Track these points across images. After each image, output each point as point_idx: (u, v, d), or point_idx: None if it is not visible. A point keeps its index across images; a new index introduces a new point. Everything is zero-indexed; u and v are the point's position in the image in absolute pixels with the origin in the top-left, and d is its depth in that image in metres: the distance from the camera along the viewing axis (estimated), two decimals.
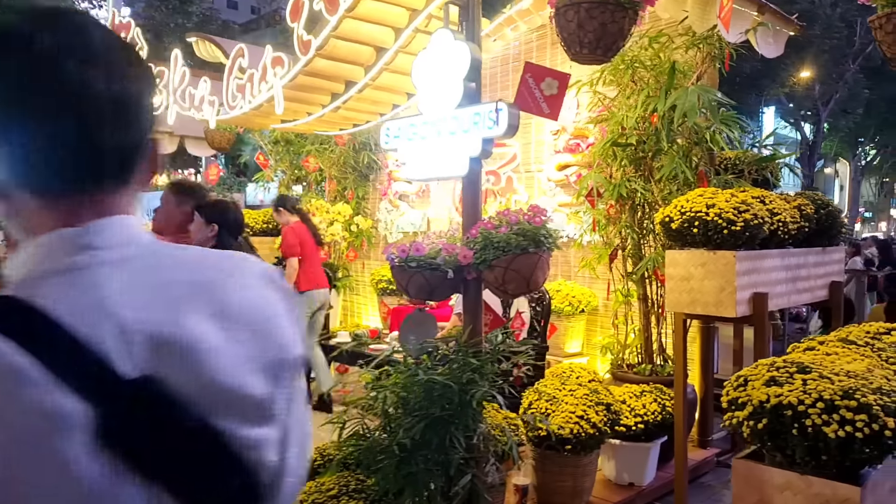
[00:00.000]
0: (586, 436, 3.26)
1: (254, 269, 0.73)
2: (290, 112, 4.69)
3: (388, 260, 2.90)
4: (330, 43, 3.95)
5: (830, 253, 4.08)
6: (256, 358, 0.66)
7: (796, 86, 23.99)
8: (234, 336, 0.65)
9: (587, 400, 3.38)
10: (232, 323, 0.66)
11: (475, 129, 2.70)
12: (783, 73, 22.23)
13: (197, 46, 6.70)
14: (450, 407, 2.47)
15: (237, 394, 0.63)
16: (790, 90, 24.18)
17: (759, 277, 3.39)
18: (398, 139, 3.06)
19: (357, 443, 2.62)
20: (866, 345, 2.60)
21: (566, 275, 5.24)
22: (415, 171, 2.98)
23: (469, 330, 2.89)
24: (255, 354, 0.66)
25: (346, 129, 5.48)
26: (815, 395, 1.98)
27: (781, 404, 2.01)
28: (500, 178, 5.67)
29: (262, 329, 0.68)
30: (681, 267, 3.40)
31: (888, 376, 2.24)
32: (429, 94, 2.91)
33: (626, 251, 4.14)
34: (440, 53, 2.84)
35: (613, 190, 3.74)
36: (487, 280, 2.80)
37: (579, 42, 2.53)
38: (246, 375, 0.64)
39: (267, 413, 0.66)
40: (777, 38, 3.83)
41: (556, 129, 5.07)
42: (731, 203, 3.24)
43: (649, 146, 3.78)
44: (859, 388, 1.99)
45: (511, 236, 2.70)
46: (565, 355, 4.90)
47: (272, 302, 0.72)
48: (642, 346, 4.24)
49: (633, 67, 3.73)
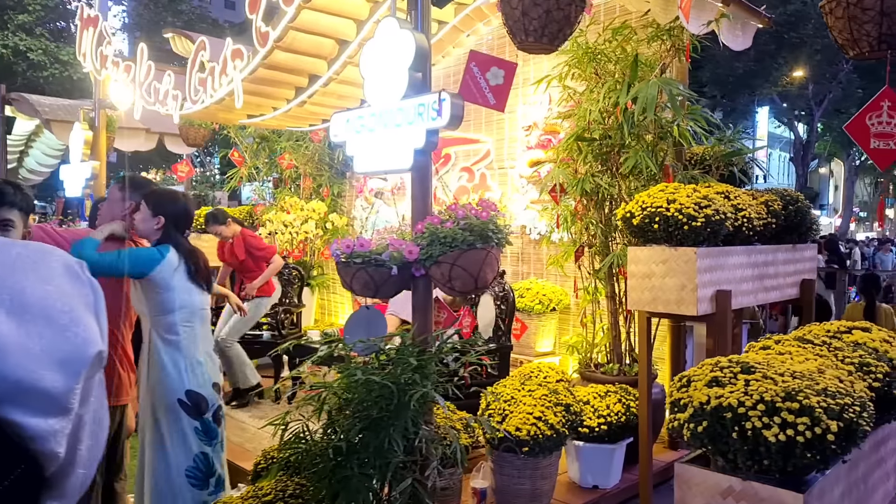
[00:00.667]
0: (544, 438, 3.17)
1: (57, 261, 0.72)
2: (254, 107, 4.59)
3: (332, 255, 2.80)
4: (289, 35, 3.85)
5: (801, 250, 4.00)
6: (52, 352, 0.65)
7: (789, 85, 23.97)
8: (30, 329, 0.64)
9: (545, 401, 3.29)
10: (29, 316, 0.65)
11: (419, 120, 2.61)
12: (776, 72, 22.19)
13: (174, 42, 6.60)
14: (388, 408, 2.37)
15: (28, 387, 0.62)
16: (783, 90, 24.15)
17: (723, 275, 3.30)
18: (347, 132, 2.96)
19: (297, 445, 2.52)
20: (823, 344, 2.51)
21: (539, 272, 5.15)
22: (362, 165, 2.88)
23: (417, 328, 2.81)
24: (51, 348, 0.65)
25: (315, 124, 5.38)
26: (757, 396, 1.89)
27: (721, 406, 1.92)
28: (473, 174, 5.58)
29: (61, 323, 0.67)
30: (643, 264, 3.31)
31: (840, 377, 2.16)
32: (375, 85, 2.81)
33: (593, 248, 4.05)
34: (386, 43, 2.75)
35: (577, 185, 3.65)
36: (434, 277, 2.70)
37: (524, 30, 2.44)
38: (40, 369, 0.64)
39: (59, 406, 0.65)
40: (745, 30, 3.74)
41: (528, 125, 4.98)
42: (693, 198, 3.15)
43: (615, 141, 3.69)
44: (803, 390, 1.90)
45: (457, 231, 2.61)
46: (536, 354, 4.81)
47: (73, 296, 0.71)
48: (610, 346, 4.14)
49: (596, 60, 3.64)
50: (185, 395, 2.59)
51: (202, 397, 2.62)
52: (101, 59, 5.52)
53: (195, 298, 2.65)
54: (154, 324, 2.59)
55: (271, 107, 4.68)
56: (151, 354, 2.62)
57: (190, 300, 2.62)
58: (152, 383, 2.64)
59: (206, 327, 2.75)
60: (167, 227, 2.70)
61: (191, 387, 2.60)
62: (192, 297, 2.63)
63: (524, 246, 5.25)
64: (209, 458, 2.66)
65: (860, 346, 2.53)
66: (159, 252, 2.59)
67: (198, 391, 2.61)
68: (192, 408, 2.60)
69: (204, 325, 2.73)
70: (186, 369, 2.60)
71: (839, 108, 25.42)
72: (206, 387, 2.65)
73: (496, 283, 4.19)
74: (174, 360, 2.58)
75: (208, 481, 2.70)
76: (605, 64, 3.67)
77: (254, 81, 4.22)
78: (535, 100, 4.91)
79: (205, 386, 2.64)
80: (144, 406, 2.68)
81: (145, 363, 2.65)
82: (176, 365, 2.58)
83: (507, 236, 2.79)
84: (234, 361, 4.78)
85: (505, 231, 2.75)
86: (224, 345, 4.72)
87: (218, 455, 2.71)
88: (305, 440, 2.56)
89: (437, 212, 2.76)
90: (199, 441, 2.62)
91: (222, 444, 2.74)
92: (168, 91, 4.80)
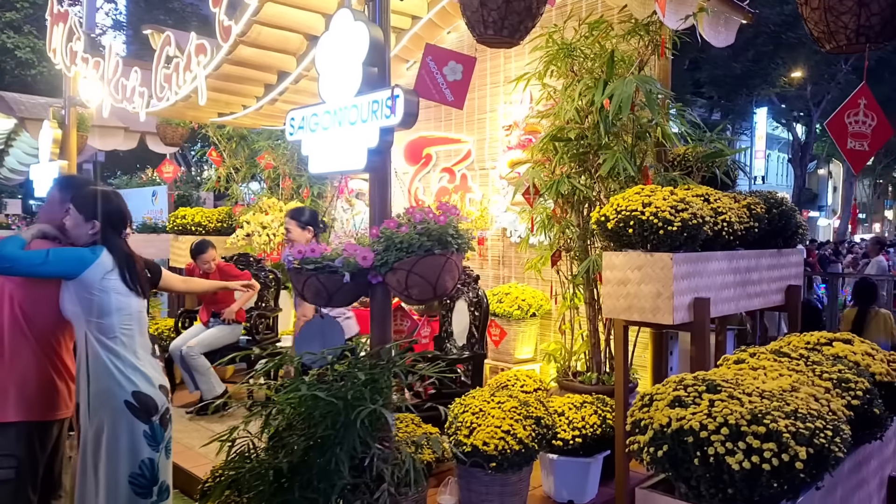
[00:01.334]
0: (512, 453, 3.02)
1: None
2: (223, 104, 4.44)
3: (284, 262, 2.65)
4: (253, 29, 3.70)
5: (787, 255, 3.84)
6: None
7: (788, 86, 23.84)
8: None
9: (515, 413, 3.13)
10: None
11: (373, 118, 2.46)
12: (774, 73, 22.04)
13: (153, 38, 6.45)
14: (335, 426, 2.22)
15: None
16: (781, 90, 24.01)
17: (702, 281, 3.15)
18: (302, 130, 2.81)
19: (241, 464, 2.37)
20: (801, 357, 2.36)
21: (520, 277, 4.99)
22: (316, 165, 2.73)
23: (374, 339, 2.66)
24: None
25: None
26: (721, 419, 1.74)
27: (683, 429, 1.77)
28: (455, 175, 5.43)
29: None
30: (618, 270, 3.16)
31: (816, 394, 2.00)
32: (330, 81, 2.66)
33: (571, 252, 3.89)
34: (340, 36, 2.59)
35: (552, 187, 3.49)
36: (390, 284, 2.55)
37: (482, 21, 2.28)
38: None
39: None
40: (728, 25, 3.59)
41: (509, 125, 4.83)
42: (669, 202, 2.99)
43: (591, 141, 3.53)
44: (770, 412, 1.74)
45: (413, 236, 2.45)
46: (516, 361, 4.66)
47: None
48: (590, 354, 3.99)
49: (572, 56, 3.48)
50: (133, 398, 2.44)
51: (150, 399, 2.49)
52: (70, 55, 5.37)
53: (132, 302, 2.50)
54: (91, 328, 2.44)
55: (241, 105, 4.52)
56: (92, 360, 2.46)
57: (128, 303, 2.48)
58: (95, 389, 2.47)
59: (145, 332, 2.61)
60: (104, 230, 2.55)
61: (138, 388, 2.45)
62: (129, 300, 2.49)
63: (505, 249, 5.10)
64: (155, 465, 2.51)
65: (840, 359, 2.38)
66: (91, 252, 2.44)
67: (146, 393, 2.47)
68: (140, 410, 2.45)
69: (143, 330, 2.58)
70: (131, 372, 2.46)
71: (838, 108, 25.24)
72: (153, 388, 2.51)
73: (470, 288, 4.04)
74: (117, 364, 2.44)
75: (152, 489, 2.55)
76: (583, 61, 3.51)
77: (220, 78, 4.07)
78: (516, 98, 4.76)
79: (152, 387, 2.50)
80: (87, 415, 2.52)
81: (84, 371, 2.49)
82: (119, 368, 2.44)
83: (469, 241, 2.64)
84: (199, 371, 4.65)
85: (466, 236, 2.59)
86: (189, 354, 4.61)
87: (164, 462, 2.56)
88: (250, 458, 2.41)
89: (395, 215, 2.61)
90: (147, 446, 2.47)
91: (168, 450, 2.60)
92: (135, 88, 4.64)
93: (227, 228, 6.50)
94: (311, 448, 2.25)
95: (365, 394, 2.26)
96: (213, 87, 4.08)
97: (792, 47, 20.83)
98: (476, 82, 5.26)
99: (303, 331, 2.68)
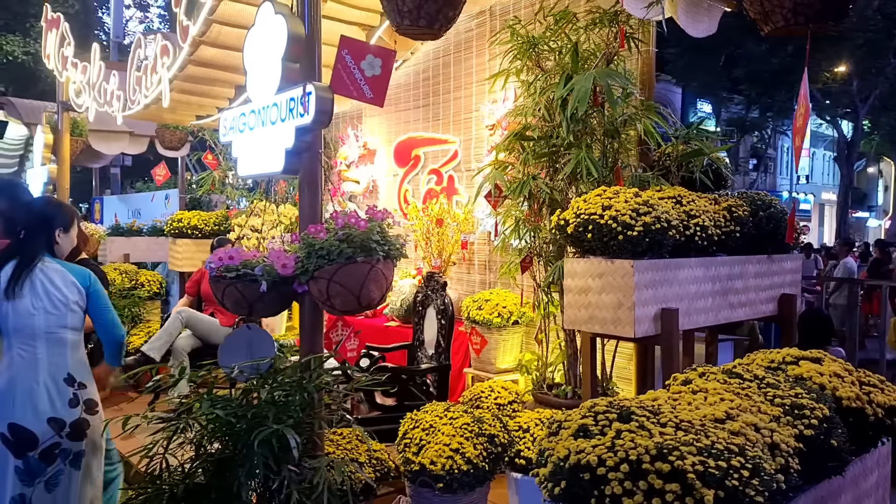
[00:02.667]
0: (461, 473, 2.82)
1: None
2: (196, 107, 4.35)
3: (206, 268, 2.51)
4: (213, 29, 3.59)
5: (780, 261, 3.54)
6: None
7: (831, 81, 22.91)
8: None
9: (466, 431, 2.94)
10: None
11: (290, 117, 2.30)
12: (815, 67, 21.17)
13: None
14: (234, 447, 2.07)
15: None
16: (824, 86, 23.08)
17: (671, 290, 2.90)
18: (232, 130, 2.68)
19: (146, 486, 2.23)
20: (755, 379, 2.11)
21: (506, 283, 4.78)
22: (243, 167, 2.59)
23: (302, 351, 2.50)
24: None
25: None
26: (622, 453, 1.52)
27: (580, 464, 1.56)
28: (442, 177, 5.25)
29: None
30: (579, 278, 2.94)
31: (758, 423, 1.77)
32: (254, 78, 2.52)
33: (545, 257, 3.67)
34: (263, 30, 2.45)
35: (517, 189, 3.28)
36: (313, 294, 2.39)
37: (398, 11, 2.10)
38: None
39: None
40: (710, 13, 3.33)
41: (492, 125, 4.62)
42: (631, 204, 2.76)
43: (561, 139, 3.31)
44: (679, 447, 1.52)
45: (333, 242, 2.29)
46: (497, 371, 4.44)
47: None
48: (566, 365, 3.76)
49: (537, 51, 3.27)
50: (7, 429, 2.32)
51: (30, 433, 2.33)
52: (62, 60, 5.38)
53: (36, 321, 2.37)
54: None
55: (215, 107, 4.43)
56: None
57: (30, 323, 2.35)
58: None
59: (59, 352, 2.45)
60: (31, 238, 2.45)
61: (16, 419, 2.32)
62: (32, 319, 2.36)
63: (491, 253, 4.89)
64: (27, 501, 2.35)
65: (801, 381, 2.12)
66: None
67: (23, 425, 2.33)
68: (13, 444, 2.32)
69: (53, 350, 2.44)
70: (16, 398, 2.33)
71: (887, 104, 24.21)
72: (39, 421, 2.35)
73: (438, 295, 3.85)
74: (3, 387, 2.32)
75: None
76: (548, 54, 3.29)
77: (187, 80, 3.98)
78: (499, 97, 4.55)
79: (37, 420, 2.35)
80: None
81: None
82: (5, 392, 2.32)
83: (401, 248, 2.46)
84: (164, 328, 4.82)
85: (396, 242, 2.42)
86: (176, 315, 4.84)
87: (42, 497, 2.38)
88: (160, 478, 2.28)
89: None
90: (19, 482, 2.34)
91: (53, 484, 2.43)
92: (113, 91, 4.60)
93: (223, 232, 6.45)
94: (211, 470, 2.11)
95: (269, 412, 2.11)
96: (182, 89, 4.00)
97: (834, 40, 20.01)
98: (462, 80, 5.08)
99: (228, 341, 2.54)
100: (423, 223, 4.98)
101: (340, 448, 2.83)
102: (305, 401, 2.23)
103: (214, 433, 2.15)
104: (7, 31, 14.84)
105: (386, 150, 5.88)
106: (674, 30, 3.27)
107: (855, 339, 5.58)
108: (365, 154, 6.02)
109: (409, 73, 5.56)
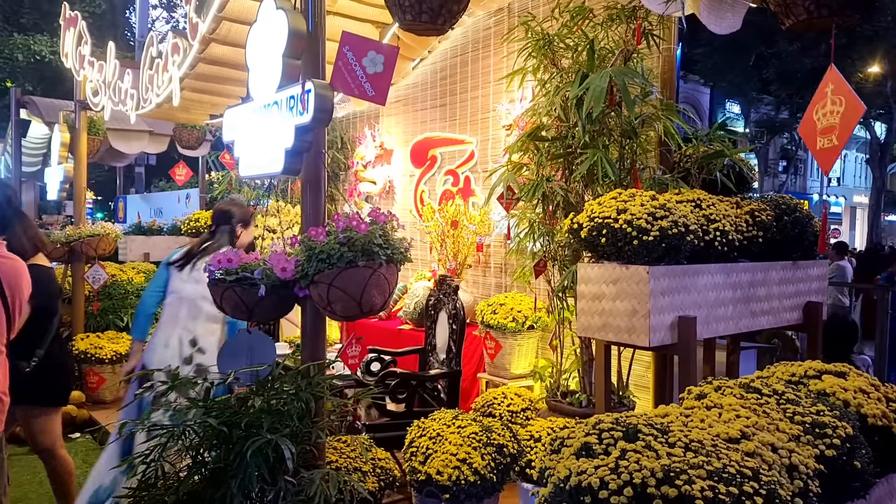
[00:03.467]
0: (467, 484, 2.73)
1: None
2: (209, 105, 4.32)
3: (205, 271, 2.46)
4: (223, 26, 3.55)
5: (805, 268, 3.39)
6: None
7: (864, 82, 22.35)
8: None
9: (474, 440, 2.84)
10: None
11: (289, 115, 2.24)
12: (849, 67, 20.65)
13: None
14: (227, 458, 2.01)
15: None
16: (857, 86, 22.51)
17: (689, 298, 2.78)
18: (234, 129, 2.62)
19: (138, 493, 2.18)
20: (774, 394, 1.99)
21: (521, 287, 4.67)
22: (245, 167, 2.53)
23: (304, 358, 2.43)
24: None
25: None
26: (626, 476, 1.42)
27: (581, 486, 1.46)
28: (458, 178, 5.16)
29: None
30: (593, 284, 2.83)
31: (776, 443, 1.66)
32: (257, 76, 2.46)
33: (560, 261, 3.56)
34: (265, 25, 2.38)
35: (530, 191, 3.18)
36: (314, 298, 2.32)
37: (399, 5, 2.02)
38: None
39: None
40: (735, 9, 3.19)
41: (509, 125, 4.52)
42: (647, 208, 2.65)
43: (577, 140, 3.20)
44: (688, 470, 1.41)
45: (334, 246, 2.22)
46: (512, 377, 4.35)
47: None
48: (582, 372, 3.65)
49: (551, 48, 3.16)
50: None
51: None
52: (79, 58, 5.40)
53: None
54: None
55: (227, 105, 4.38)
56: None
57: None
58: None
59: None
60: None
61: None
62: None
63: (506, 257, 4.79)
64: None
65: (824, 397, 2.00)
66: None
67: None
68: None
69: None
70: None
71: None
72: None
73: (450, 299, 3.76)
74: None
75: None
76: (564, 52, 3.18)
77: (198, 78, 3.95)
78: (516, 96, 4.45)
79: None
80: None
81: None
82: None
83: (405, 252, 2.38)
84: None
85: (399, 246, 2.33)
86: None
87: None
88: (155, 486, 2.22)
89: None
90: None
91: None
92: (127, 90, 4.59)
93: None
94: (205, 480, 2.05)
95: (263, 421, 2.04)
96: (194, 87, 3.96)
97: (868, 39, 19.51)
98: (480, 79, 4.99)
99: (228, 345, 2.48)
100: (438, 224, 4.89)
101: (344, 456, 2.75)
102: (303, 409, 2.16)
103: (208, 441, 2.09)
104: (36, 31, 15.09)
105: (402, 151, 5.80)
106: (703, 29, 3.15)
107: (885, 348, 5.37)
108: (381, 154, 5.95)
109: (427, 71, 5.48)
